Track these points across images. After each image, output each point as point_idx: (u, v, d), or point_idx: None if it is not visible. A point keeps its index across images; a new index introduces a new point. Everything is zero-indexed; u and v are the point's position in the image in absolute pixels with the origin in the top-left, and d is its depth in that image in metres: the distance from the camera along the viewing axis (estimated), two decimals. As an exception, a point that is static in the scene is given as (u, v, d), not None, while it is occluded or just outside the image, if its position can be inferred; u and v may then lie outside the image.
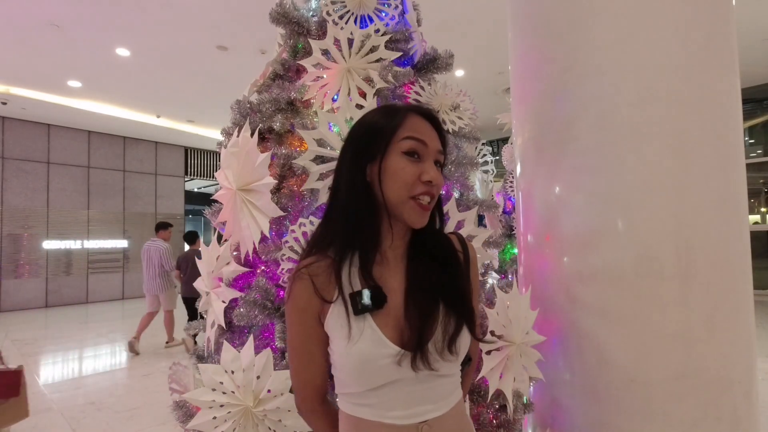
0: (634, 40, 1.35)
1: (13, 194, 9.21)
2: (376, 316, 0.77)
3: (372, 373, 0.75)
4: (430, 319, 0.77)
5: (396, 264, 0.82)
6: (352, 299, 0.76)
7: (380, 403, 0.77)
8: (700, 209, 1.32)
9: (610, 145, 1.37)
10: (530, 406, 1.49)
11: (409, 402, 0.77)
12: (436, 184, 0.78)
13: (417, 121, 0.80)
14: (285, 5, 1.54)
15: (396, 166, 0.77)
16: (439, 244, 0.85)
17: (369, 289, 0.77)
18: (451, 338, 0.77)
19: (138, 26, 5.49)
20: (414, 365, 0.74)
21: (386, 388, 0.76)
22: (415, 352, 0.74)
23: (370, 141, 0.79)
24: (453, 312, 0.79)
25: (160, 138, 10.96)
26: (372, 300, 0.76)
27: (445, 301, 0.79)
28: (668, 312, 1.30)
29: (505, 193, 3.35)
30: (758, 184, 9.45)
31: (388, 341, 0.75)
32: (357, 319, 0.76)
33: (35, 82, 7.38)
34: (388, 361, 0.74)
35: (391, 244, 0.82)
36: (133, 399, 3.80)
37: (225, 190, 1.27)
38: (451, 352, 0.77)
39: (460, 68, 6.93)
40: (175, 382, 1.43)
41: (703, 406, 1.29)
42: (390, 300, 0.78)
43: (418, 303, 0.78)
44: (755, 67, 7.20)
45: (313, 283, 0.79)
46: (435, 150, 0.80)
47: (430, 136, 0.80)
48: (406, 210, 0.77)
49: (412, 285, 0.80)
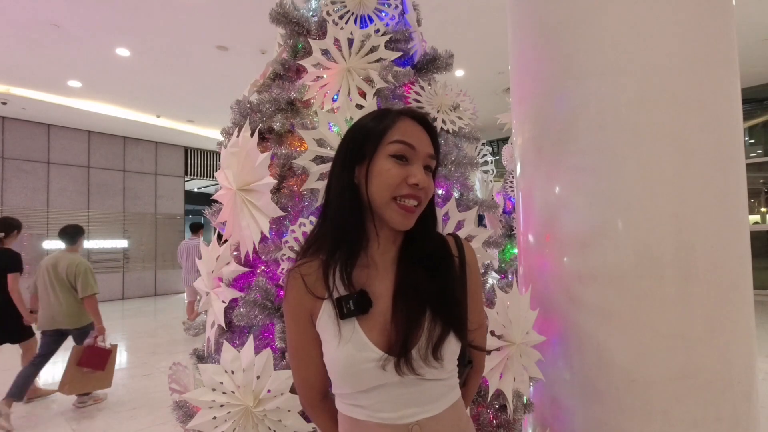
0: (634, 40, 1.35)
1: (13, 194, 9.21)
2: (362, 321, 0.77)
3: (357, 376, 0.76)
4: (415, 326, 0.77)
5: (385, 268, 0.82)
6: (338, 304, 0.77)
7: (370, 405, 0.78)
8: (700, 209, 1.32)
9: (610, 145, 1.37)
10: (530, 406, 1.49)
11: (398, 404, 0.77)
12: (423, 187, 0.78)
13: (408, 124, 0.80)
14: (285, 5, 1.54)
15: (382, 168, 0.77)
16: (430, 250, 0.84)
17: (352, 293, 0.77)
18: (435, 345, 0.77)
19: (138, 26, 5.49)
20: (398, 370, 0.75)
21: (374, 391, 0.77)
22: (399, 357, 0.74)
23: (360, 144, 0.80)
24: (440, 319, 0.79)
25: (160, 138, 10.95)
26: (357, 305, 0.76)
27: (432, 308, 0.79)
28: (668, 312, 1.30)
29: (505, 193, 3.34)
30: (758, 184, 9.44)
31: (372, 345, 0.76)
32: (344, 322, 0.77)
33: (35, 82, 7.38)
34: (372, 365, 0.75)
35: (378, 248, 0.82)
36: (133, 399, 3.80)
37: (225, 190, 1.27)
38: (435, 359, 0.76)
39: (460, 68, 6.93)
40: (175, 382, 1.43)
41: (703, 406, 1.29)
42: (377, 305, 0.78)
43: (404, 309, 0.78)
44: (755, 67, 7.20)
45: (305, 284, 0.80)
46: (424, 154, 0.80)
47: (421, 140, 0.80)
48: (388, 212, 0.78)
49: (399, 291, 0.80)
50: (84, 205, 10.13)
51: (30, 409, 3.61)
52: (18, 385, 3.31)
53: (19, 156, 9.27)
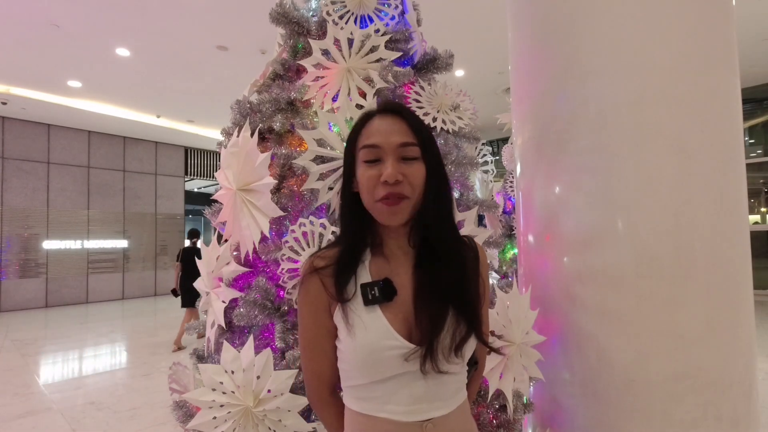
0: (634, 40, 1.35)
1: (13, 194, 9.21)
2: (385, 309, 0.78)
3: (378, 364, 0.76)
4: (440, 322, 0.77)
5: (405, 261, 0.83)
6: (363, 290, 0.78)
7: (384, 396, 0.77)
8: (700, 209, 1.32)
9: (610, 145, 1.37)
10: (530, 406, 1.49)
11: (414, 398, 0.77)
12: (395, 181, 0.76)
13: (374, 124, 0.81)
14: (285, 5, 1.54)
15: (361, 175, 0.80)
16: (448, 246, 0.83)
17: (377, 280, 0.79)
18: (459, 344, 0.78)
19: (138, 26, 5.49)
20: (423, 366, 0.75)
21: (391, 382, 0.77)
22: (425, 353, 0.75)
23: (347, 155, 0.85)
24: (463, 318, 0.79)
25: (160, 138, 10.96)
26: (381, 292, 0.77)
27: (454, 306, 0.79)
28: (668, 312, 1.30)
29: (505, 193, 3.34)
30: (758, 184, 9.45)
31: (396, 334, 0.76)
32: (367, 309, 0.78)
33: (35, 82, 7.38)
34: (395, 353, 0.75)
35: (395, 242, 0.84)
36: (133, 399, 3.80)
37: (225, 190, 1.27)
38: (457, 356, 0.78)
39: (460, 68, 6.93)
40: (175, 382, 1.43)
41: (703, 406, 1.29)
42: (399, 295, 0.79)
43: (427, 304, 0.78)
44: (755, 67, 7.20)
45: (321, 280, 0.81)
46: (394, 146, 0.77)
47: (387, 133, 0.78)
48: (376, 213, 0.80)
49: (420, 284, 0.80)
50: (84, 205, 10.13)
51: (31, 408, 3.61)
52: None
53: (19, 156, 9.28)
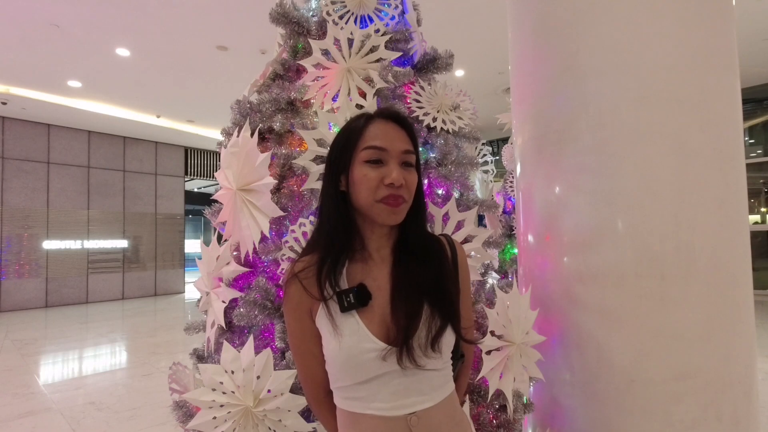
0: (634, 40, 1.35)
1: (13, 194, 9.21)
2: (362, 313, 0.80)
3: (358, 367, 0.78)
4: (415, 318, 0.80)
5: (382, 263, 0.86)
6: (339, 297, 0.80)
7: (369, 396, 0.80)
8: (700, 209, 1.32)
9: (610, 145, 1.37)
10: (530, 406, 1.48)
11: (397, 394, 0.79)
12: (400, 185, 0.80)
13: (378, 126, 0.83)
14: (285, 5, 1.54)
15: (359, 174, 0.81)
16: (424, 244, 0.88)
17: (352, 287, 0.81)
18: (435, 337, 0.80)
19: (138, 26, 5.49)
20: (400, 362, 0.77)
21: (374, 382, 0.79)
22: (401, 349, 0.77)
23: (339, 154, 0.85)
24: (438, 311, 0.82)
25: (160, 138, 10.96)
26: (357, 298, 0.80)
27: (429, 301, 0.82)
28: (668, 312, 1.30)
29: (505, 193, 3.34)
30: (758, 184, 9.45)
31: (373, 337, 0.78)
32: (344, 315, 0.80)
33: (35, 82, 7.38)
34: (373, 355, 0.78)
35: (374, 244, 0.86)
36: (133, 399, 3.80)
37: (225, 190, 1.27)
38: (434, 350, 0.80)
39: (460, 68, 6.93)
40: (175, 382, 1.43)
41: (703, 406, 1.29)
42: (376, 298, 0.81)
43: (403, 302, 0.81)
44: (755, 67, 7.20)
45: (302, 283, 0.83)
46: (398, 152, 0.82)
47: (393, 138, 0.82)
48: (376, 211, 0.81)
49: (397, 284, 0.83)
50: (84, 205, 10.13)
51: (30, 408, 3.61)
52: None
53: (19, 156, 9.28)
